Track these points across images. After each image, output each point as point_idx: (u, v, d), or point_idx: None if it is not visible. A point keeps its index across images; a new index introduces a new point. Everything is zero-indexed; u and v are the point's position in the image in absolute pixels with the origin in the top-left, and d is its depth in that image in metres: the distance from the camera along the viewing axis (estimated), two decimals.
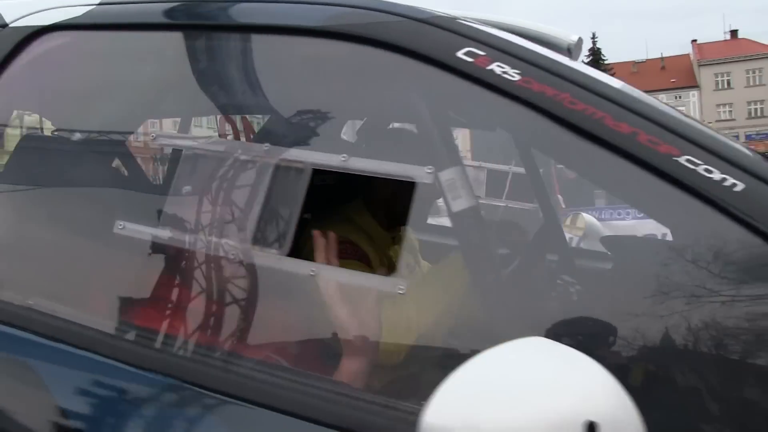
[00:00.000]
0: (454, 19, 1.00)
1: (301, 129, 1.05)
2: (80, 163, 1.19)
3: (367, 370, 0.94)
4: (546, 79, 0.89)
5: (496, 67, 0.92)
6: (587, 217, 3.55)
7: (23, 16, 1.18)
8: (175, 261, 1.01)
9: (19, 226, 1.13)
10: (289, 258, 0.92)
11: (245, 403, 0.82)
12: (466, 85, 0.93)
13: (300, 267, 0.92)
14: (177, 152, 1.05)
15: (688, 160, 0.81)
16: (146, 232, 1.01)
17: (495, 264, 1.06)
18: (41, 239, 1.12)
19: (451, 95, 0.99)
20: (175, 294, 0.99)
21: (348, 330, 0.93)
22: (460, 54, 0.94)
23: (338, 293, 0.91)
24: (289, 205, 0.94)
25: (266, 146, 0.97)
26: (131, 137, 1.25)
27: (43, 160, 1.22)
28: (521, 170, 1.75)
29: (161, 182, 1.29)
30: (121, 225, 1.01)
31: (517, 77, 0.90)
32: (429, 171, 0.90)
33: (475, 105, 0.95)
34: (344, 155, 0.94)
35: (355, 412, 0.81)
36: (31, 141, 1.35)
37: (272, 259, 0.93)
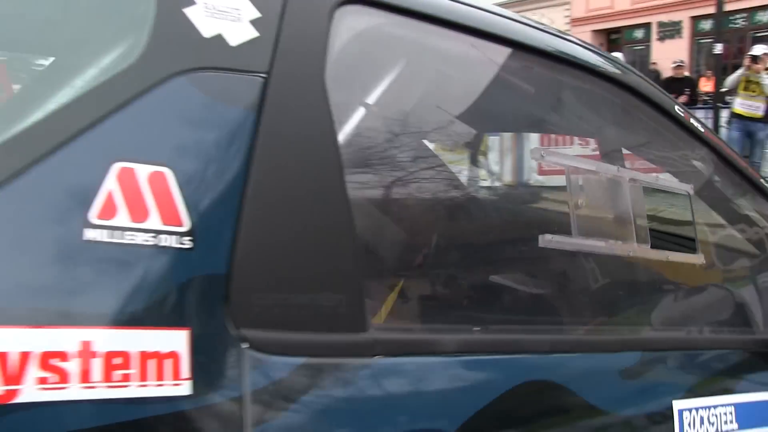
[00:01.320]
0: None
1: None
2: None
3: None
4: (709, 132, 1.49)
5: (694, 122, 1.45)
6: None
7: None
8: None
9: None
10: None
11: None
12: (682, 132, 1.43)
13: None
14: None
15: None
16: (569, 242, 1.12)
17: None
18: None
19: (675, 139, 1.44)
20: None
21: None
22: (677, 108, 1.42)
23: None
24: None
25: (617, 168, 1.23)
26: None
27: None
28: None
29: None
30: (549, 237, 1.07)
31: (704, 129, 1.46)
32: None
33: (689, 147, 1.44)
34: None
35: None
36: None
37: None
